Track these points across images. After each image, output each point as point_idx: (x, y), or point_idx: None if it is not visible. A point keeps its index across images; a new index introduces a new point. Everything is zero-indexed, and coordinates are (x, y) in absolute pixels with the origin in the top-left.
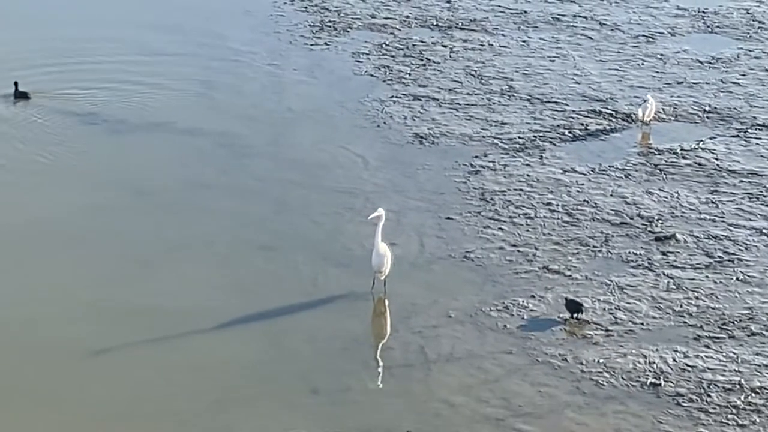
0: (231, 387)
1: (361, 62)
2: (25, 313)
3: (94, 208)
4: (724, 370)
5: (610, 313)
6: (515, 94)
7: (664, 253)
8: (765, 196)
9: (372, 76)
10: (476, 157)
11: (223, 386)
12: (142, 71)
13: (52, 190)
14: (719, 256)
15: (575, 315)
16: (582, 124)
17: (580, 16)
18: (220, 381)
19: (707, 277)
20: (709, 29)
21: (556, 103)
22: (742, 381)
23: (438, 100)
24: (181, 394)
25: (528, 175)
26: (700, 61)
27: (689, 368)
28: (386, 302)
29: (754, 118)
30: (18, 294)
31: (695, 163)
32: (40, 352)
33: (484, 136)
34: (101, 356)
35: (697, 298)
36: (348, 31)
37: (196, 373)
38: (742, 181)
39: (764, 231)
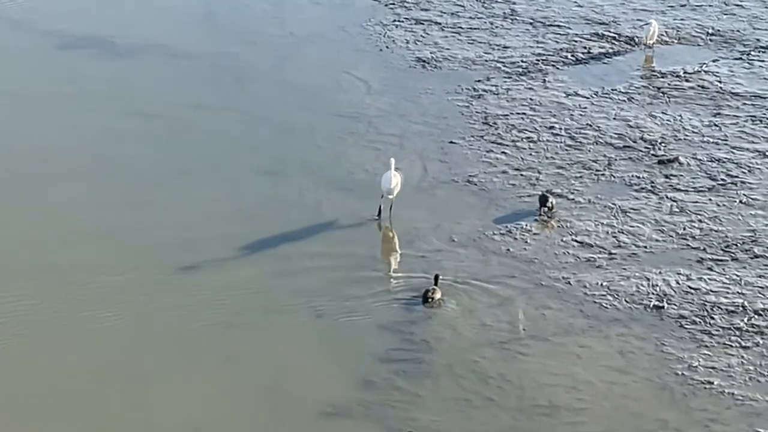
0: (236, 311)
1: None
2: (30, 237)
3: (96, 133)
4: (728, 293)
5: (614, 237)
6: (518, 18)
7: (667, 176)
8: None
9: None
10: (479, 81)
11: (229, 310)
12: None
13: (52, 115)
14: (722, 179)
15: (543, 207)
16: (585, 48)
17: None
18: (226, 305)
19: (710, 199)
20: None
21: (558, 26)
22: (746, 303)
23: (440, 24)
24: (186, 317)
25: (531, 99)
26: None
27: (692, 291)
28: (390, 226)
29: (758, 40)
30: (22, 218)
31: (698, 86)
32: (46, 275)
33: (486, 60)
34: (105, 280)
35: (700, 220)
36: None
37: (201, 297)
38: (745, 104)
39: (767, 153)
